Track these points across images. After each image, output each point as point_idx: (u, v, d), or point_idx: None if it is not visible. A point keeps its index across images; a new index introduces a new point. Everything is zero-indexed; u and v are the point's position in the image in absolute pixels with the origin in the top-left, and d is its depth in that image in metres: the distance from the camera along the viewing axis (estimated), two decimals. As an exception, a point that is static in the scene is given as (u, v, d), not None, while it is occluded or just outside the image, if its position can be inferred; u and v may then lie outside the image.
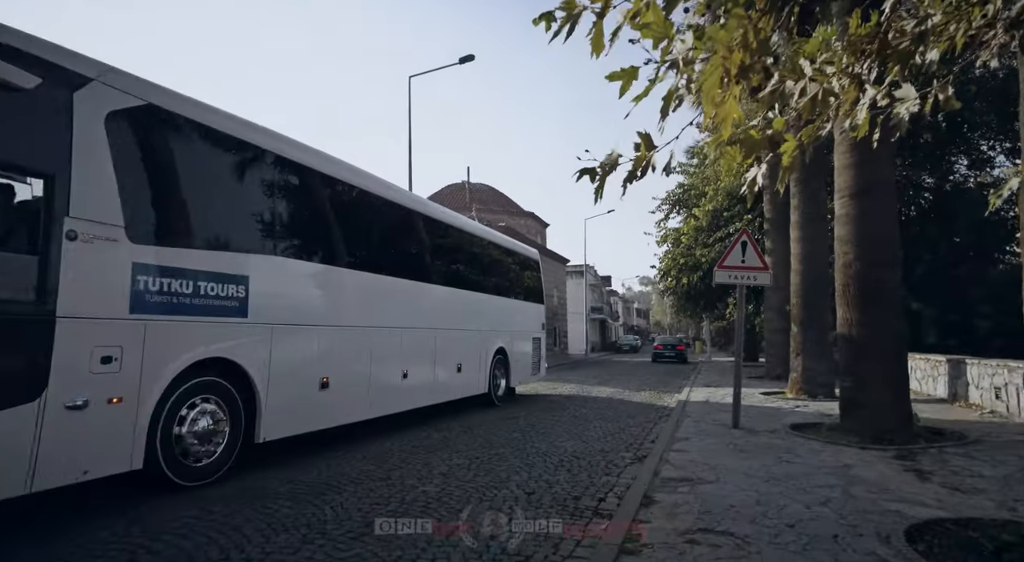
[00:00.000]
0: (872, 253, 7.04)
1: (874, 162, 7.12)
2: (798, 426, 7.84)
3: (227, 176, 5.44)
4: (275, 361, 5.56)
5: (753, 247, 7.95)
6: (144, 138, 4.60)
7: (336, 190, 6.91)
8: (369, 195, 7.50)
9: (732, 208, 19.16)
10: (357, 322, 6.94)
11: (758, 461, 5.68)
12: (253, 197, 5.67)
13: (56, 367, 3.73)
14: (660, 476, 5.14)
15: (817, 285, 11.87)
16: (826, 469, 5.30)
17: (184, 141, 5.00)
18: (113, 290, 4.16)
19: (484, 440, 7.14)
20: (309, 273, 6.27)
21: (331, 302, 6.59)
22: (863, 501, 4.23)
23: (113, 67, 4.39)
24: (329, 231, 6.68)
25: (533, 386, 15.10)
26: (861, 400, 6.91)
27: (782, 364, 15.41)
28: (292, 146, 6.22)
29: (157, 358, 4.42)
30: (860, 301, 7.02)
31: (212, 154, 5.32)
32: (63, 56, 4.03)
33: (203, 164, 5.20)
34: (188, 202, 4.98)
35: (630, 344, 51.49)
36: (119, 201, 4.21)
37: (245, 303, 5.25)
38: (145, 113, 4.58)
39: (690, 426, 8.01)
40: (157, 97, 4.71)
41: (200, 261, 4.86)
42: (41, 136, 3.86)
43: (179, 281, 4.64)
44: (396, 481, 5.06)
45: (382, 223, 7.93)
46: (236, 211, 5.48)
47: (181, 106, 4.95)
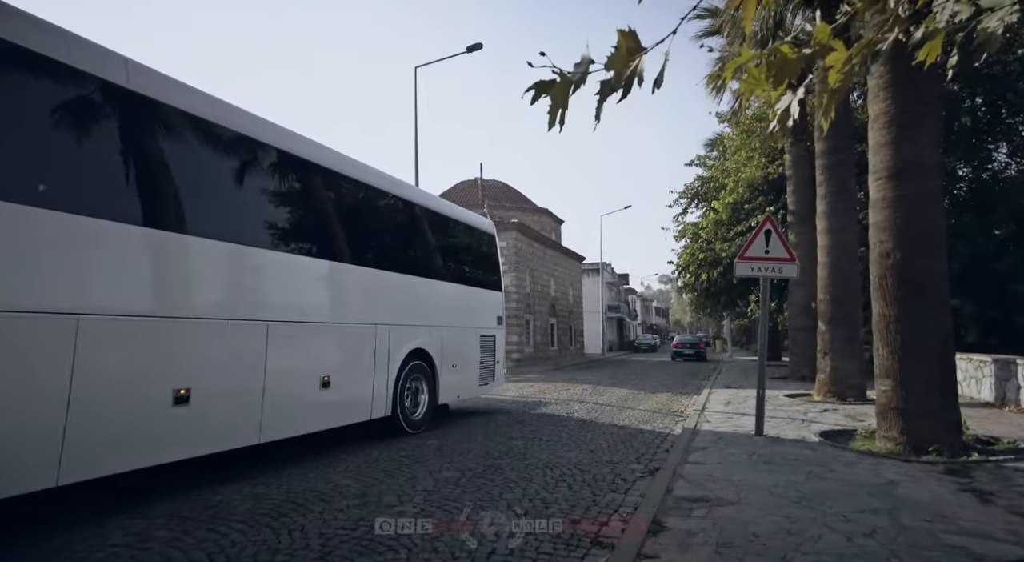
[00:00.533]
0: (914, 241, 6.27)
1: (915, 138, 6.36)
2: (828, 433, 7.10)
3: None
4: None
5: (778, 235, 7.23)
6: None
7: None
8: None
9: (753, 200, 18.28)
10: (61, 306, 3.76)
11: (786, 476, 4.99)
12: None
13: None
14: (673, 494, 4.48)
15: (846, 280, 11.06)
16: (867, 488, 4.59)
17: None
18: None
19: (482, 449, 6.54)
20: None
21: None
22: (917, 532, 3.53)
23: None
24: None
25: (540, 387, 14.49)
26: (901, 405, 6.15)
27: (807, 364, 14.58)
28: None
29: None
30: (899, 295, 6.27)
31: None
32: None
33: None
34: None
35: (648, 343, 50.53)
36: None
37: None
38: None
39: (708, 433, 7.32)
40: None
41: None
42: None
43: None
44: (372, 499, 4.48)
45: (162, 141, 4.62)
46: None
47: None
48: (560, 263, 32.75)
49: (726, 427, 7.75)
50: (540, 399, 11.92)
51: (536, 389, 14.26)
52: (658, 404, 11.20)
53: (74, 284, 3.86)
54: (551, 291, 30.84)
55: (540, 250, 29.11)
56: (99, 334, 3.94)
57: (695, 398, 11.85)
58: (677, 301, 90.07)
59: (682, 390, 14.11)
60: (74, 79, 3.96)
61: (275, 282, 5.63)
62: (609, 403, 11.24)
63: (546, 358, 28.72)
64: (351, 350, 6.57)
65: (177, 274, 4.68)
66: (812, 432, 7.19)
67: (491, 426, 8.25)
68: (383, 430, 7.18)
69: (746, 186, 18.54)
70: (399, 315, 7.39)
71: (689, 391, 13.77)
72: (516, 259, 25.17)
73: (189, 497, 4.51)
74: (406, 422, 7.36)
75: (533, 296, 27.59)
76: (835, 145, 11.47)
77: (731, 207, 18.81)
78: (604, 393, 13.19)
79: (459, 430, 7.89)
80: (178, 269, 4.68)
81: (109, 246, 4.08)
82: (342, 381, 6.27)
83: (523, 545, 3.49)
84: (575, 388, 14.40)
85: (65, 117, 3.91)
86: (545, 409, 10.27)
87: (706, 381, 16.19)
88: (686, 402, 11.42)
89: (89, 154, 4.09)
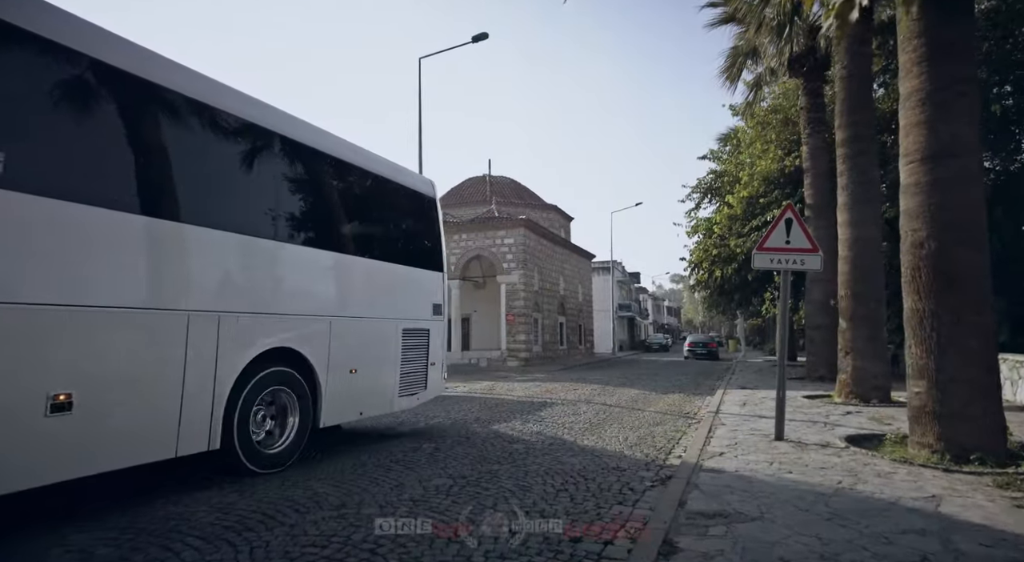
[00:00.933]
0: (951, 229, 5.73)
1: (952, 117, 5.80)
2: (855, 438, 6.57)
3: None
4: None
5: (800, 224, 6.70)
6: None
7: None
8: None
9: (769, 194, 17.63)
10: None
11: (812, 487, 4.49)
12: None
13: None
14: (687, 508, 4.00)
15: (868, 274, 10.47)
16: (907, 501, 4.07)
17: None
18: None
19: (479, 454, 6.08)
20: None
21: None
22: (976, 560, 3.02)
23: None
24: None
25: (547, 387, 14.01)
26: (938, 408, 5.61)
27: (825, 364, 13.97)
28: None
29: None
30: (935, 288, 5.73)
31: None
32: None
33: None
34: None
35: (660, 343, 49.87)
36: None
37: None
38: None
39: (724, 436, 6.81)
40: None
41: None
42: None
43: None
44: (351, 510, 4.04)
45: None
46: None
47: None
48: (569, 261, 32.20)
49: (743, 431, 7.24)
50: (546, 399, 11.45)
51: (543, 389, 13.78)
52: (670, 405, 10.68)
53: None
54: (560, 289, 30.32)
55: (549, 247, 28.59)
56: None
57: (709, 399, 11.32)
58: (689, 300, 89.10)
59: (695, 391, 13.56)
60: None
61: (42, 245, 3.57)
62: (618, 404, 10.74)
63: (555, 357, 28.22)
64: (130, 351, 4.05)
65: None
66: (837, 436, 6.66)
67: (491, 426, 7.80)
68: (215, 468, 4.94)
69: (761, 179, 17.90)
70: (245, 298, 4.95)
71: (702, 392, 13.22)
72: (524, 256, 24.71)
73: (152, 505, 4.11)
74: (250, 458, 4.92)
75: (541, 294, 27.09)
76: (856, 133, 10.88)
77: (746, 201, 18.18)
78: (613, 394, 12.68)
79: (456, 432, 7.44)
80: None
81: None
82: (103, 401, 3.81)
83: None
84: (583, 388, 13.90)
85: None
86: (550, 410, 9.79)
87: (720, 381, 15.62)
88: (699, 403, 10.89)
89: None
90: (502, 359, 23.79)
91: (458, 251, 25.20)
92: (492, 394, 12.55)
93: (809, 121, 14.71)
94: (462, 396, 12.13)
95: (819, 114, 14.68)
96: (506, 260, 24.65)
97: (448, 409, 9.75)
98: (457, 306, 25.23)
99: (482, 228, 25.31)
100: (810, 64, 14.07)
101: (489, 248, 25.02)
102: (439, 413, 9.19)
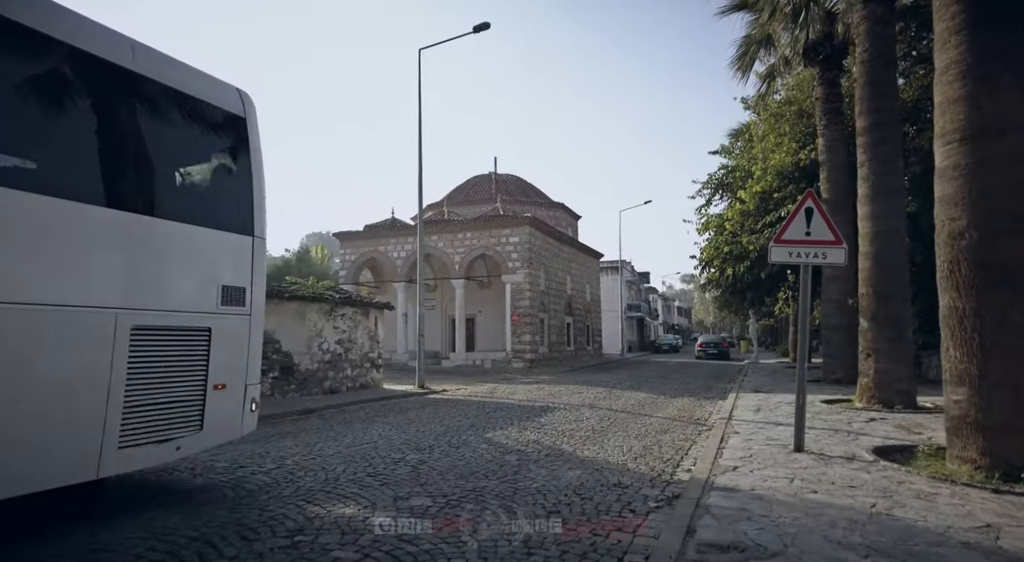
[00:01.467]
0: (996, 216, 5.09)
1: (996, 92, 5.17)
2: (883, 450, 5.93)
3: None
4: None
5: (821, 214, 6.08)
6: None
7: None
8: None
9: (783, 188, 16.89)
10: None
11: (843, 512, 3.88)
12: None
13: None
14: (696, 538, 3.42)
15: (892, 271, 9.78)
16: (958, 532, 3.46)
17: None
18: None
19: (466, 468, 5.51)
20: None
21: None
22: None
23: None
24: None
25: (550, 390, 13.41)
26: (982, 418, 4.97)
27: (843, 366, 13.29)
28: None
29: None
30: (977, 283, 5.09)
31: None
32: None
33: None
34: None
35: (670, 343, 48.99)
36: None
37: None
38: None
39: (738, 447, 6.20)
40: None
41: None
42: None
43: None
44: (307, 539, 3.49)
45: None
46: None
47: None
48: (576, 260, 31.54)
49: (759, 440, 6.62)
50: (548, 404, 10.86)
51: (546, 392, 13.20)
52: (679, 410, 10.06)
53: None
54: (567, 289, 29.69)
55: (555, 246, 27.97)
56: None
57: (720, 404, 10.67)
58: (700, 300, 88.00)
59: (706, 394, 12.90)
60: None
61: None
62: (624, 409, 10.13)
63: (561, 359, 27.59)
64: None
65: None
66: (862, 447, 6.04)
67: (486, 434, 7.23)
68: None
69: (775, 174, 17.17)
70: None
71: (713, 395, 12.56)
72: (530, 255, 24.12)
73: (79, 532, 3.58)
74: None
75: (548, 294, 26.47)
76: (878, 121, 10.20)
77: (759, 197, 17.47)
78: (619, 397, 12.06)
79: (447, 441, 6.88)
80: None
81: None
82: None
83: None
84: (588, 391, 13.29)
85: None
86: (551, 415, 9.20)
87: (732, 384, 14.95)
88: (710, 408, 10.25)
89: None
90: (507, 360, 23.21)
91: (463, 250, 24.68)
92: (492, 398, 11.99)
93: (825, 112, 14.02)
94: (461, 400, 11.59)
95: (836, 105, 14.00)
96: (511, 259, 24.08)
97: (442, 415, 9.21)
98: (461, 306, 24.70)
99: (487, 226, 24.77)
100: (827, 52, 13.39)
101: (494, 247, 24.47)
102: (432, 418, 8.64)
